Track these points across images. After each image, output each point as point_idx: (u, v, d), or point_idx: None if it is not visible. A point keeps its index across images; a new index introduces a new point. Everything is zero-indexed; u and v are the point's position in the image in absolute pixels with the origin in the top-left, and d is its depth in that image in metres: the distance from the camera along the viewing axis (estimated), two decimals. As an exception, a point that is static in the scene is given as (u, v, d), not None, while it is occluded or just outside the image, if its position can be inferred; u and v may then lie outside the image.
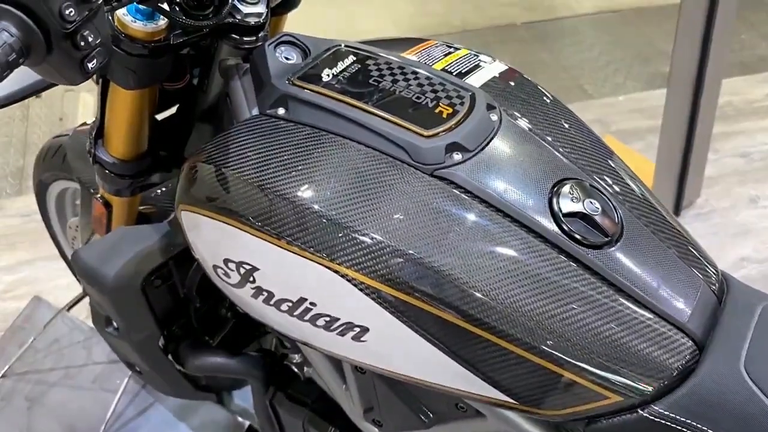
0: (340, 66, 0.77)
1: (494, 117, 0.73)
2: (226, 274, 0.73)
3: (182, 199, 0.76)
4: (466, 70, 0.80)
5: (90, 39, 0.55)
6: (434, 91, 0.74)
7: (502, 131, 0.72)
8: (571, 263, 0.66)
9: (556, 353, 0.64)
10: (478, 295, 0.63)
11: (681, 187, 2.01)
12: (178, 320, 0.92)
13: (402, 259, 0.64)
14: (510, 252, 0.65)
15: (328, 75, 0.76)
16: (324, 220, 0.66)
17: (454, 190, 0.67)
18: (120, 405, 1.45)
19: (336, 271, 0.65)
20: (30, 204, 1.47)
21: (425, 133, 0.69)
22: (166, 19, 0.74)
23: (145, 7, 0.72)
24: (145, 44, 0.74)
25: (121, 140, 0.88)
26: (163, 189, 1.12)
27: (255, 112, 0.77)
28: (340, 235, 0.65)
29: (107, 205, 1.00)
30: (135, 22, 0.72)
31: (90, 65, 0.56)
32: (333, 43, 0.81)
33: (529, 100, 0.79)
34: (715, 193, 2.10)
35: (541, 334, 0.64)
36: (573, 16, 2.96)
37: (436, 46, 0.85)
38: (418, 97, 0.73)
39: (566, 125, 0.78)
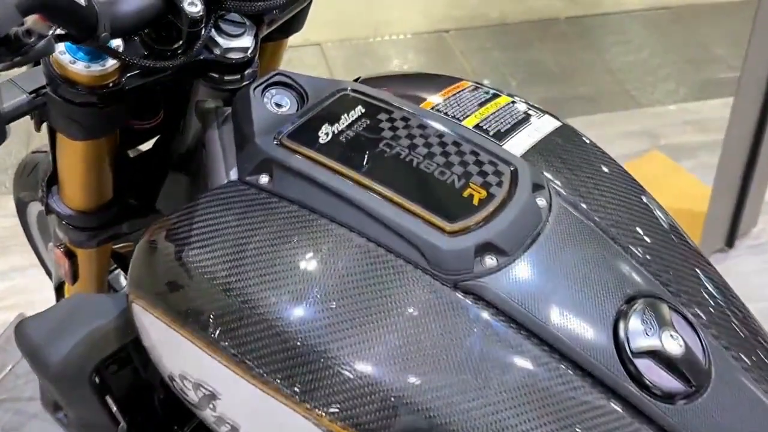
0: (344, 120, 0.60)
1: (542, 202, 0.55)
2: (183, 391, 0.57)
3: (134, 284, 0.59)
4: (506, 127, 0.62)
5: None
6: (463, 164, 0.56)
7: (552, 224, 0.55)
8: (640, 423, 0.48)
9: None
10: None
11: (738, 214, 1.80)
12: (140, 408, 0.76)
13: (409, 413, 0.47)
14: (557, 404, 0.48)
15: (327, 133, 0.59)
16: (298, 344, 0.49)
17: (485, 311, 0.50)
18: (102, 445, 1.30)
19: (315, 423, 0.48)
20: (28, 204, 1.32)
21: (448, 227, 0.52)
22: None
23: None
24: (90, 90, 0.57)
25: (77, 192, 0.72)
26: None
27: (233, 175, 0.60)
28: (321, 370, 0.48)
29: (70, 255, 0.85)
30: (75, 62, 0.56)
31: None
32: (338, 86, 0.64)
33: (587, 172, 0.61)
34: (774, 221, 1.89)
35: None
36: (620, 12, 2.73)
37: (470, 90, 0.67)
38: (441, 173, 0.55)
39: (637, 209, 0.60)
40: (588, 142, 0.64)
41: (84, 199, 0.73)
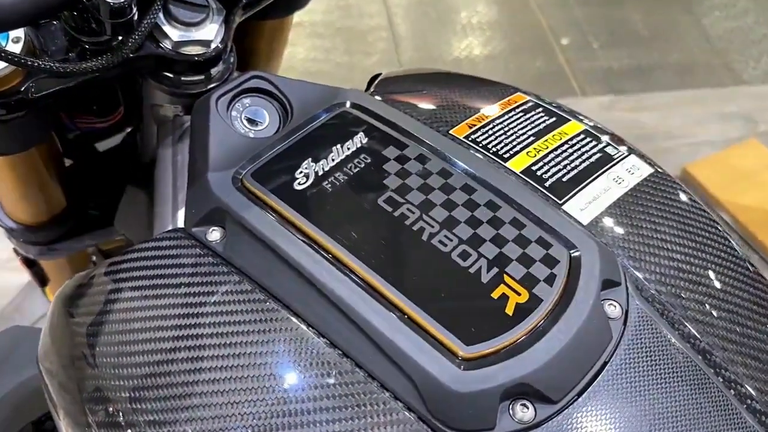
0: (335, 155, 0.42)
1: (614, 311, 0.37)
2: None
3: (43, 352, 0.44)
4: (571, 174, 0.43)
5: None
6: (498, 240, 0.38)
7: (626, 348, 0.36)
8: None
9: None
10: None
11: None
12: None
13: None
14: None
15: (308, 174, 0.41)
16: None
17: None
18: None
19: None
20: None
21: (463, 352, 0.34)
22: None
23: None
24: None
25: (15, 206, 0.58)
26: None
27: (179, 220, 0.44)
28: None
29: (30, 264, 0.71)
30: None
31: None
32: (335, 99, 0.45)
33: (685, 252, 0.42)
34: None
35: None
36: (725, -33, 2.39)
37: (525, 109, 0.48)
38: (463, 254, 0.37)
39: (753, 317, 0.41)
40: (691, 202, 0.44)
41: (25, 213, 0.58)
